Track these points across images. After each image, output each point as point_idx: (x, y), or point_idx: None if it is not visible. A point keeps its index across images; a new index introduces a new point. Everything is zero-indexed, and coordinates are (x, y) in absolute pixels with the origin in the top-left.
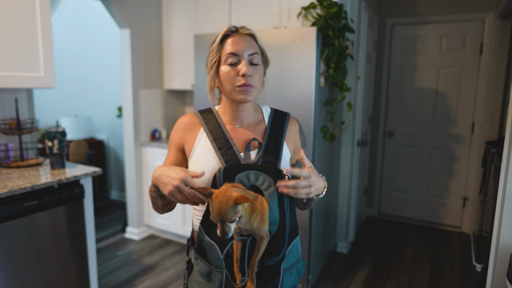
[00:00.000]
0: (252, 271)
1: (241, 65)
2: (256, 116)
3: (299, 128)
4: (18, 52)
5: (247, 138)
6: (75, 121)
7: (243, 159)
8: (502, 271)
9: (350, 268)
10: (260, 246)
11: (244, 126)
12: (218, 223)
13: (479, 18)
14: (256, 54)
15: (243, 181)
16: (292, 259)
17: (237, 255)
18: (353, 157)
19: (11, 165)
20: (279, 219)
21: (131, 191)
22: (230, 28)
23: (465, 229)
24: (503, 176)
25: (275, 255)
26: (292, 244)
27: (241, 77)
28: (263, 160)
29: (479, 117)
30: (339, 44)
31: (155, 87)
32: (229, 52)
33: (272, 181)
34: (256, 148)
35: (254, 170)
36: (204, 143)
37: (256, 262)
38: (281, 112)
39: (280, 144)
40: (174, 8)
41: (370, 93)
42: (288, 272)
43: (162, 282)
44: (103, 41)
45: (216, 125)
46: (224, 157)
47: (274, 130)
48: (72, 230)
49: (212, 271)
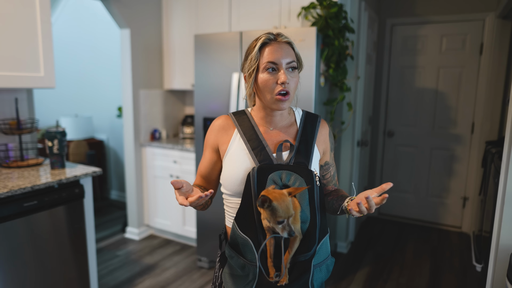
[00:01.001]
0: (286, 267)
1: (280, 73)
2: (289, 119)
3: (329, 131)
4: (18, 52)
5: (279, 140)
6: (75, 121)
7: (276, 160)
8: (502, 271)
9: (350, 268)
10: (293, 244)
11: (277, 128)
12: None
13: (479, 18)
14: (294, 62)
15: (275, 180)
16: (322, 255)
17: (270, 251)
18: (353, 157)
19: (11, 165)
20: (310, 217)
21: (131, 191)
22: (269, 36)
23: (465, 229)
24: (503, 176)
25: (306, 251)
26: (322, 241)
27: (280, 85)
28: (294, 161)
29: (479, 117)
30: (339, 44)
31: (155, 87)
32: (268, 60)
33: (303, 181)
34: (287, 149)
35: (286, 170)
36: (238, 144)
37: (289, 259)
38: (312, 115)
39: (311, 146)
40: (174, 8)
41: (370, 93)
42: (318, 268)
43: (162, 282)
44: (103, 41)
45: (249, 126)
46: (257, 157)
47: (305, 133)
48: (72, 230)
49: (246, 265)
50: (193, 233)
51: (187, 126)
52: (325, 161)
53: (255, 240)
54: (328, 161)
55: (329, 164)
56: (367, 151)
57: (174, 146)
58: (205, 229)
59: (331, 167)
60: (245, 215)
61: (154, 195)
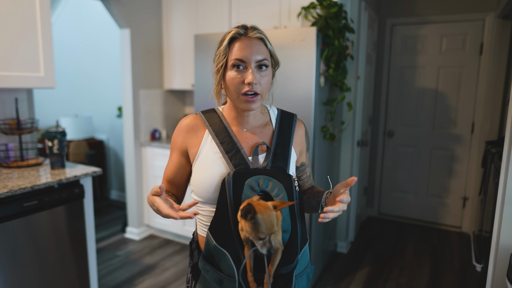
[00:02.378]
0: (269, 282)
1: (248, 72)
2: (263, 119)
3: (305, 131)
4: (18, 52)
5: (254, 142)
6: (75, 121)
7: (252, 164)
8: (502, 271)
9: (350, 268)
10: (276, 257)
11: (250, 129)
12: (265, 238)
13: (479, 18)
14: (265, 60)
15: (253, 186)
16: (303, 264)
17: (250, 264)
18: (353, 157)
19: (11, 165)
20: (291, 226)
21: (131, 191)
22: (239, 30)
23: (465, 229)
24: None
25: (289, 263)
26: (303, 250)
27: (246, 85)
28: (272, 165)
29: (479, 117)
30: (339, 44)
31: (155, 87)
32: (236, 57)
33: (282, 187)
34: (264, 152)
35: (264, 175)
36: (210, 146)
37: (272, 273)
38: (288, 114)
39: (288, 148)
40: (174, 8)
41: (370, 93)
42: (300, 279)
43: (162, 282)
44: (103, 41)
45: (222, 127)
46: (232, 161)
47: (282, 134)
48: (72, 230)
49: (224, 279)
50: None
51: None
52: (301, 162)
53: (233, 252)
54: (304, 162)
55: (305, 165)
56: (367, 151)
57: None
58: None
59: (307, 168)
60: (220, 225)
61: None
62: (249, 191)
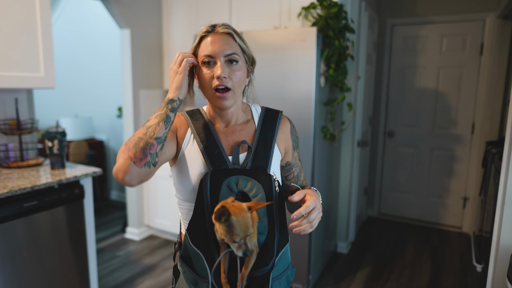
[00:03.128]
0: (241, 285)
1: (216, 66)
2: (244, 116)
3: (290, 128)
4: (18, 52)
5: (236, 141)
6: (75, 122)
7: (231, 163)
8: (502, 271)
9: (351, 268)
10: (250, 260)
11: (232, 127)
12: (240, 241)
13: (479, 18)
14: (234, 54)
15: (230, 186)
16: (282, 267)
17: (224, 266)
18: (353, 157)
19: (11, 165)
20: (268, 228)
21: (131, 192)
22: (207, 28)
23: (466, 229)
24: (503, 176)
25: (263, 266)
26: (281, 252)
27: (216, 79)
28: (252, 165)
29: (479, 117)
30: (339, 44)
31: (155, 87)
32: (204, 54)
33: (261, 187)
34: (245, 151)
35: (243, 175)
36: (192, 145)
37: (246, 276)
38: (272, 111)
39: (270, 147)
40: (174, 8)
41: (370, 93)
42: (278, 281)
43: (162, 283)
44: (103, 41)
45: (204, 125)
46: (211, 161)
47: (264, 132)
48: (72, 230)
49: (198, 281)
50: None
51: None
52: (286, 162)
53: (207, 253)
54: (290, 161)
55: (292, 164)
56: (367, 151)
57: None
58: None
59: (293, 167)
60: (197, 226)
61: (154, 195)
62: (226, 192)
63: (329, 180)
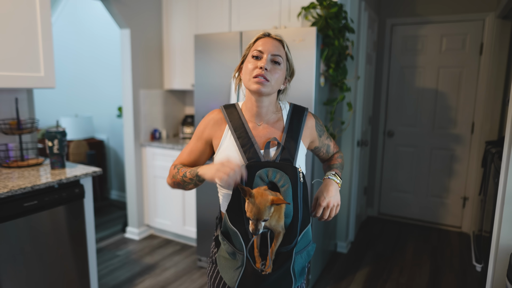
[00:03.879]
0: (271, 259)
1: (262, 60)
2: (276, 115)
3: (315, 122)
4: (19, 52)
5: (267, 137)
6: (75, 121)
7: (263, 157)
8: (502, 271)
9: (350, 268)
10: (278, 239)
11: (265, 124)
12: (253, 221)
13: (479, 18)
14: (279, 56)
15: (262, 177)
16: (303, 243)
17: (257, 243)
18: (353, 157)
19: (11, 165)
20: (293, 212)
21: (131, 191)
22: (265, 32)
23: (465, 229)
24: (503, 176)
25: (288, 243)
26: (304, 232)
27: (259, 68)
28: (280, 158)
29: (479, 117)
30: (339, 44)
31: (155, 87)
32: (256, 48)
33: (288, 178)
34: (275, 145)
35: (273, 167)
36: (230, 140)
37: (274, 252)
38: (299, 109)
39: (296, 142)
40: (174, 8)
41: (370, 93)
42: (299, 255)
43: (162, 282)
44: (103, 41)
45: (240, 123)
46: (246, 155)
47: (291, 129)
48: (72, 230)
49: (236, 253)
50: (193, 233)
51: (187, 126)
52: (315, 146)
53: (243, 231)
54: (318, 145)
55: (319, 147)
56: (367, 151)
57: (174, 146)
58: (205, 229)
59: (322, 148)
60: (234, 208)
61: (154, 195)
62: (259, 181)
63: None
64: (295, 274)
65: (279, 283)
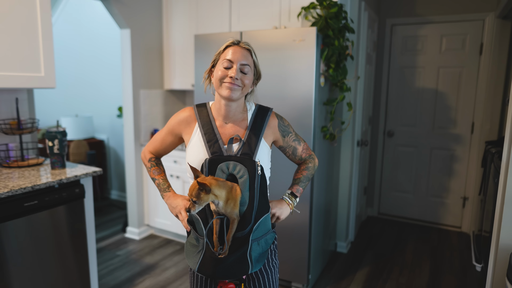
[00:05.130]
0: (228, 243)
1: (232, 70)
2: (242, 115)
3: (278, 123)
4: (19, 52)
5: (231, 134)
6: (76, 121)
7: (226, 151)
8: (502, 271)
9: (350, 268)
10: (233, 226)
11: (231, 123)
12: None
13: (479, 18)
14: (247, 65)
15: (223, 169)
16: (261, 231)
17: (216, 229)
18: (353, 157)
19: (12, 165)
20: (248, 201)
21: (132, 191)
22: (234, 41)
23: (465, 229)
24: (503, 176)
25: (242, 229)
26: (260, 221)
27: (229, 77)
28: (241, 153)
29: (479, 117)
30: (339, 44)
31: (155, 87)
32: (226, 58)
33: (246, 170)
34: (238, 141)
35: (233, 161)
36: (198, 136)
37: (231, 237)
38: (263, 109)
39: (258, 139)
40: (174, 8)
41: (370, 93)
42: (256, 242)
43: (162, 282)
44: (103, 41)
45: (208, 121)
46: (210, 149)
47: (254, 127)
48: (72, 230)
49: (199, 238)
50: None
51: None
52: (279, 145)
53: (204, 219)
54: (282, 145)
55: (284, 147)
56: (367, 151)
57: None
58: None
59: (287, 148)
60: None
61: (155, 195)
62: (220, 173)
63: (329, 179)
64: (251, 259)
65: (235, 266)
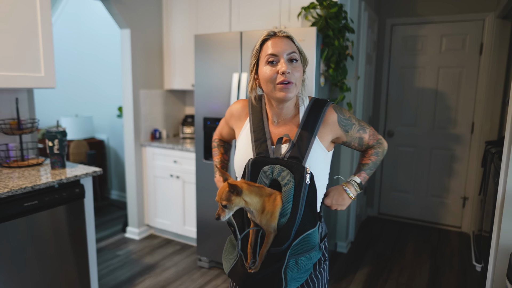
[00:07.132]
0: (261, 259)
1: (280, 63)
2: (294, 112)
3: (337, 118)
4: (19, 52)
5: (282, 133)
6: (76, 121)
7: (273, 153)
8: (502, 271)
9: (350, 268)
10: (268, 240)
11: (282, 121)
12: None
13: (479, 18)
14: (294, 52)
15: (267, 174)
16: (303, 248)
17: (251, 240)
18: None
19: (12, 165)
20: (290, 213)
21: (132, 191)
22: (269, 32)
23: (465, 229)
24: (503, 176)
25: (278, 246)
26: (303, 236)
27: (281, 74)
28: (289, 156)
29: (479, 117)
30: (339, 44)
31: (155, 87)
32: (268, 53)
33: (293, 177)
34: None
35: (280, 165)
36: (246, 133)
37: (264, 253)
38: (319, 103)
39: (309, 141)
40: (174, 8)
41: (370, 93)
42: (294, 260)
43: (162, 282)
44: (103, 41)
45: (259, 117)
46: (256, 149)
47: (306, 126)
48: (72, 230)
49: (235, 245)
50: (193, 232)
51: (187, 126)
52: (342, 141)
53: (240, 226)
54: (346, 140)
55: (348, 141)
56: None
57: (175, 146)
58: (205, 228)
59: (352, 142)
60: None
61: (154, 195)
62: (263, 178)
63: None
64: (286, 277)
65: (265, 283)
